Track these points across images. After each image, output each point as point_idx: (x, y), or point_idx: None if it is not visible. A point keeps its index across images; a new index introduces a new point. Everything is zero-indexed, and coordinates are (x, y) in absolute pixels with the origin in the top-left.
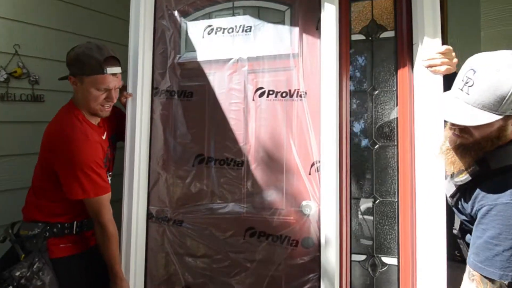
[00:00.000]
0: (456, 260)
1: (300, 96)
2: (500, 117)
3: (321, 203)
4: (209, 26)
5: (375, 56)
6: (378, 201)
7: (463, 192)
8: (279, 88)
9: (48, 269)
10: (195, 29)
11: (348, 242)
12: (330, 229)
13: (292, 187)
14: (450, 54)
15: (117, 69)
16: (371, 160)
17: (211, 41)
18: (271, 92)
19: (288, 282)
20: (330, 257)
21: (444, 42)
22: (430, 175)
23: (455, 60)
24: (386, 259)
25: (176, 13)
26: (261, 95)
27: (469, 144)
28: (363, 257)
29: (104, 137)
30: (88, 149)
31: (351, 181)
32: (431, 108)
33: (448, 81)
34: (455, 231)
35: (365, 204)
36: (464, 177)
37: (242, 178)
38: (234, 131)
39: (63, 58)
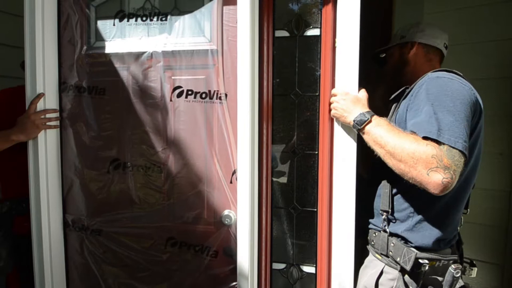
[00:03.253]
0: None
1: (220, 98)
2: None
3: (238, 212)
4: (121, 11)
5: (299, 56)
6: (298, 210)
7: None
8: (198, 88)
9: (6, 244)
10: (104, 14)
11: (269, 251)
12: (246, 239)
13: (213, 196)
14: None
15: None
16: (292, 169)
17: (123, 29)
18: (189, 93)
19: None
20: (245, 266)
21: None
22: (344, 184)
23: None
24: (305, 268)
25: None
26: (179, 95)
27: None
28: (283, 265)
29: None
30: None
31: (272, 190)
32: None
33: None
34: None
35: (287, 213)
36: None
37: (161, 186)
38: (151, 134)
39: None
